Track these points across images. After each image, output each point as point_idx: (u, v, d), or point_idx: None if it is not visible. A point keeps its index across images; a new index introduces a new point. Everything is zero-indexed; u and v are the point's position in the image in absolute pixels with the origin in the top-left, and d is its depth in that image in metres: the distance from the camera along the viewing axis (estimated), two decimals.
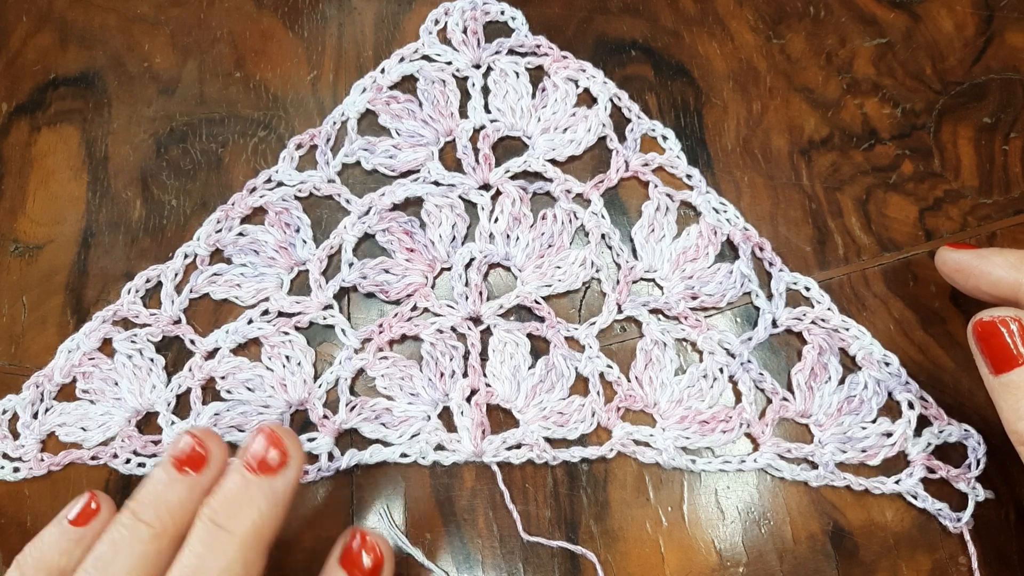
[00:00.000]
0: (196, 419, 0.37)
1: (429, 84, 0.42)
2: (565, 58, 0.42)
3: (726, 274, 0.39)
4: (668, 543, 0.36)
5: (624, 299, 0.39)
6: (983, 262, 0.32)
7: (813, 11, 0.43)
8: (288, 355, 0.38)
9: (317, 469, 0.36)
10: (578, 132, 0.41)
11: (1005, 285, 0.31)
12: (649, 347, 0.38)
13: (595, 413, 0.37)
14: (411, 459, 0.37)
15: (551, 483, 0.37)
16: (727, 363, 0.37)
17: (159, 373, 0.38)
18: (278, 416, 0.37)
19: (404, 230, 0.39)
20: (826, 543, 0.36)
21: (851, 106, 0.42)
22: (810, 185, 0.40)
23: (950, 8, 0.43)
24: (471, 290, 0.38)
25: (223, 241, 0.39)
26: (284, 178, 0.40)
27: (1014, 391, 0.30)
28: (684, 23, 0.43)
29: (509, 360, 0.37)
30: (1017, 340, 0.30)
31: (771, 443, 0.36)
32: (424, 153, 0.41)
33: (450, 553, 0.36)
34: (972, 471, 0.35)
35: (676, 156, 0.41)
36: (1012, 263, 0.31)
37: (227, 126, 0.42)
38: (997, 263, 0.32)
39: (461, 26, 0.43)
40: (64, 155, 0.42)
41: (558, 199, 0.40)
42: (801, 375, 0.37)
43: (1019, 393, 0.29)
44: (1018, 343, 0.30)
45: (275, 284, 0.39)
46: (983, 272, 0.32)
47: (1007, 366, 0.30)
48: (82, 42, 0.44)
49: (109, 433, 0.37)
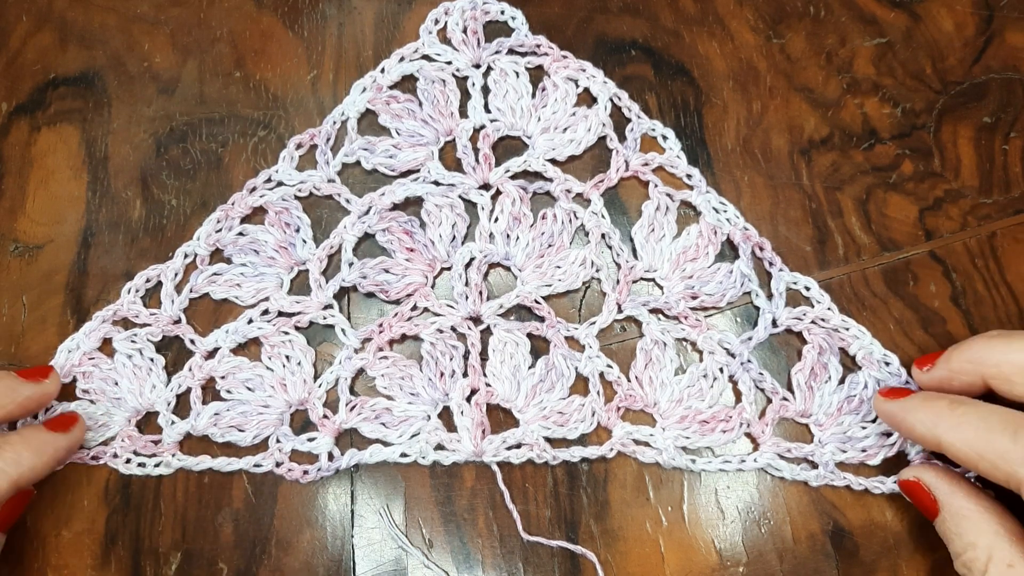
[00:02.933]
0: (196, 419, 0.37)
1: (429, 84, 0.42)
2: (565, 58, 0.42)
3: (726, 274, 0.39)
4: (668, 543, 0.36)
5: (624, 299, 0.39)
6: (906, 416, 0.33)
7: (813, 11, 0.43)
8: (288, 355, 0.38)
9: (317, 469, 0.36)
10: (578, 132, 0.41)
11: (927, 441, 0.32)
12: (649, 347, 0.38)
13: (595, 413, 0.37)
14: (411, 459, 0.37)
15: (551, 483, 0.37)
16: (727, 363, 0.37)
17: (159, 373, 0.38)
18: (278, 416, 0.37)
19: (404, 230, 0.39)
20: (826, 543, 0.36)
21: (851, 106, 0.42)
22: (810, 185, 0.40)
23: (950, 8, 0.43)
24: (471, 290, 0.38)
25: (223, 241, 0.39)
26: (284, 178, 0.40)
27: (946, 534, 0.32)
28: (684, 23, 0.43)
29: (509, 360, 0.37)
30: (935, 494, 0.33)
31: (771, 443, 0.36)
32: (424, 153, 0.41)
33: (450, 553, 0.36)
34: (970, 472, 0.35)
35: (676, 156, 0.41)
36: (931, 420, 0.32)
37: (227, 126, 0.42)
38: (918, 420, 0.32)
39: (461, 26, 0.43)
40: (64, 155, 0.42)
41: (558, 199, 0.40)
42: (801, 375, 0.37)
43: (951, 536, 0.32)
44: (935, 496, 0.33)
45: (275, 284, 0.39)
46: (906, 428, 0.33)
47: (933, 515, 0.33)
48: (82, 42, 0.44)
49: (109, 433, 0.37)
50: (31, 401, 0.35)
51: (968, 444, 0.30)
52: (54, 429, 0.35)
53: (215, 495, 0.37)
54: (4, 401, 0.34)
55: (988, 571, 0.30)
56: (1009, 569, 0.30)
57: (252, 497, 0.37)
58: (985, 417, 0.30)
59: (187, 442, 0.37)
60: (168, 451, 0.37)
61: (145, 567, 0.36)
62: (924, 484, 0.33)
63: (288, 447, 0.37)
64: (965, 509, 0.32)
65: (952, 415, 0.31)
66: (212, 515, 0.36)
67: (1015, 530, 0.31)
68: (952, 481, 0.33)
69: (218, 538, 0.36)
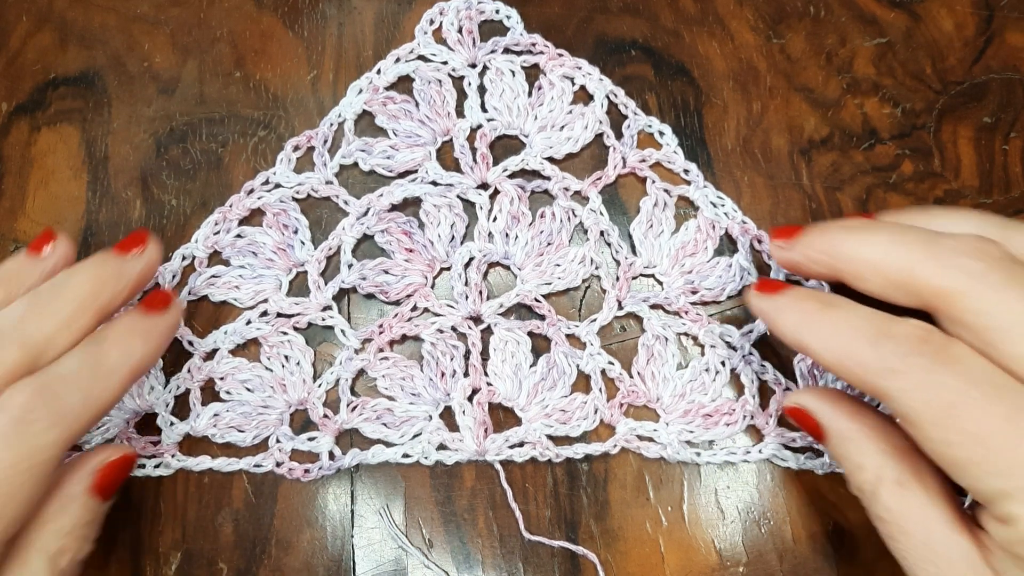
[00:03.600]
0: (195, 420, 0.37)
1: (425, 84, 0.42)
2: (561, 56, 0.42)
3: (725, 268, 0.39)
4: (668, 543, 0.36)
5: (624, 295, 0.39)
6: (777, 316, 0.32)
7: (813, 11, 0.43)
8: (287, 355, 0.38)
9: (318, 467, 0.36)
10: (575, 130, 0.41)
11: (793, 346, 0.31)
12: (651, 342, 0.38)
13: (598, 410, 0.37)
14: (413, 459, 0.37)
15: (551, 483, 0.37)
16: (728, 356, 0.37)
17: (157, 375, 0.38)
18: (278, 416, 0.37)
19: (403, 230, 0.39)
20: (826, 543, 0.36)
21: (851, 106, 0.42)
22: (810, 185, 0.41)
23: (950, 8, 0.43)
24: (471, 289, 0.38)
25: (221, 243, 0.39)
26: (282, 180, 0.40)
27: (836, 458, 0.32)
28: (684, 23, 0.43)
29: (510, 359, 0.37)
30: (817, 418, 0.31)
31: (775, 433, 0.36)
32: (421, 153, 0.41)
33: (450, 553, 0.36)
34: None
35: (673, 151, 0.41)
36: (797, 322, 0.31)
37: (227, 126, 0.42)
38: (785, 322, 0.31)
39: (456, 25, 0.42)
40: (64, 155, 0.42)
41: (556, 197, 0.40)
42: (804, 363, 0.37)
43: (839, 459, 0.31)
44: (818, 420, 0.31)
45: (273, 286, 0.39)
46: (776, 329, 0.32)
47: (822, 440, 0.32)
48: (82, 42, 0.44)
49: (108, 435, 0.37)
50: (143, 276, 0.32)
51: (830, 351, 0.29)
52: (152, 311, 0.32)
53: (215, 495, 0.37)
54: (119, 286, 0.31)
55: (878, 492, 0.29)
56: (899, 487, 0.29)
57: (252, 497, 0.37)
58: (849, 320, 0.29)
59: (186, 443, 0.37)
60: (167, 452, 0.37)
61: (145, 567, 0.36)
62: (806, 409, 0.32)
63: (288, 447, 0.37)
64: (848, 431, 0.30)
65: (819, 317, 0.30)
66: (212, 515, 0.36)
67: (902, 446, 0.29)
68: (834, 402, 0.31)
69: (218, 538, 0.36)
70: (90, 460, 0.32)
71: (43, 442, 0.27)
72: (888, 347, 0.27)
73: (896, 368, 0.27)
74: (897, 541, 0.29)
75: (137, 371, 0.31)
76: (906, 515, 0.28)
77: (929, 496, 0.28)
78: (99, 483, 0.31)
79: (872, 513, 0.30)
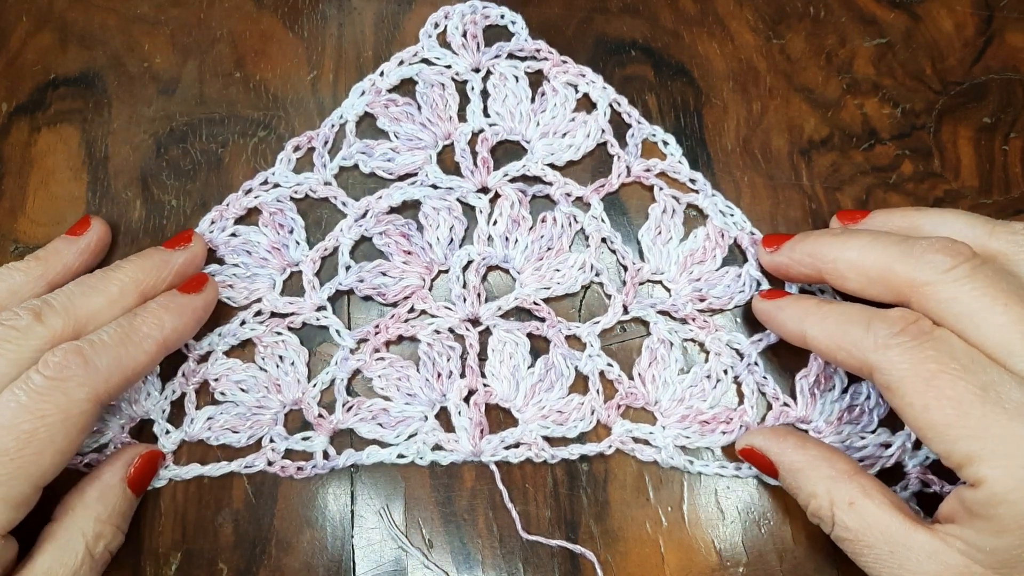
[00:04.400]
0: (190, 425, 0.37)
1: (428, 87, 0.42)
2: (565, 63, 0.42)
3: (734, 277, 0.39)
4: (668, 543, 0.36)
5: (631, 300, 0.38)
6: (778, 314, 0.35)
7: (813, 11, 0.43)
8: (282, 355, 0.38)
9: (311, 465, 0.36)
10: (577, 137, 0.41)
11: (795, 337, 0.34)
12: (655, 345, 0.38)
13: (595, 411, 0.37)
14: (408, 459, 0.37)
15: (551, 483, 0.37)
16: (733, 364, 0.37)
17: (153, 380, 0.37)
18: (272, 416, 0.37)
19: (401, 233, 0.39)
20: (826, 543, 0.35)
21: (851, 106, 0.42)
22: (810, 185, 0.41)
23: (950, 8, 0.43)
24: (469, 292, 0.38)
25: (215, 241, 0.39)
26: (280, 180, 0.40)
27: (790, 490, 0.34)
28: (684, 23, 0.43)
29: (508, 360, 0.37)
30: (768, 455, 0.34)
31: None
32: (422, 156, 0.41)
33: (450, 553, 0.36)
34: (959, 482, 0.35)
35: (678, 161, 0.40)
36: (799, 316, 0.34)
37: (227, 126, 0.42)
38: (787, 315, 0.35)
39: (461, 30, 0.42)
40: (64, 155, 0.42)
41: (558, 202, 0.40)
42: (805, 381, 0.37)
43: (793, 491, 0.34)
44: (768, 457, 0.34)
45: (267, 285, 0.39)
46: (778, 325, 0.35)
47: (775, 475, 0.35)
48: (82, 42, 0.44)
49: (103, 440, 0.37)
50: (185, 267, 0.37)
51: (828, 336, 0.32)
52: (187, 291, 0.36)
53: (215, 495, 0.37)
54: (162, 274, 0.36)
55: (835, 515, 0.31)
56: (851, 507, 0.31)
57: (252, 497, 0.37)
58: (845, 311, 0.32)
59: (184, 443, 0.37)
60: None
61: (145, 567, 0.36)
62: (756, 448, 0.35)
63: (282, 447, 0.37)
64: (796, 463, 0.33)
65: (818, 310, 0.33)
66: (212, 515, 0.36)
67: (849, 468, 0.32)
68: (780, 439, 0.34)
69: (218, 538, 0.36)
70: (125, 454, 0.35)
71: (76, 397, 0.31)
72: (880, 327, 0.30)
73: (887, 343, 0.30)
74: (864, 556, 0.31)
75: (168, 343, 0.34)
76: (864, 529, 0.31)
77: (881, 508, 0.31)
78: (134, 475, 0.35)
79: (835, 537, 0.32)
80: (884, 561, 0.30)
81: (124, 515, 0.34)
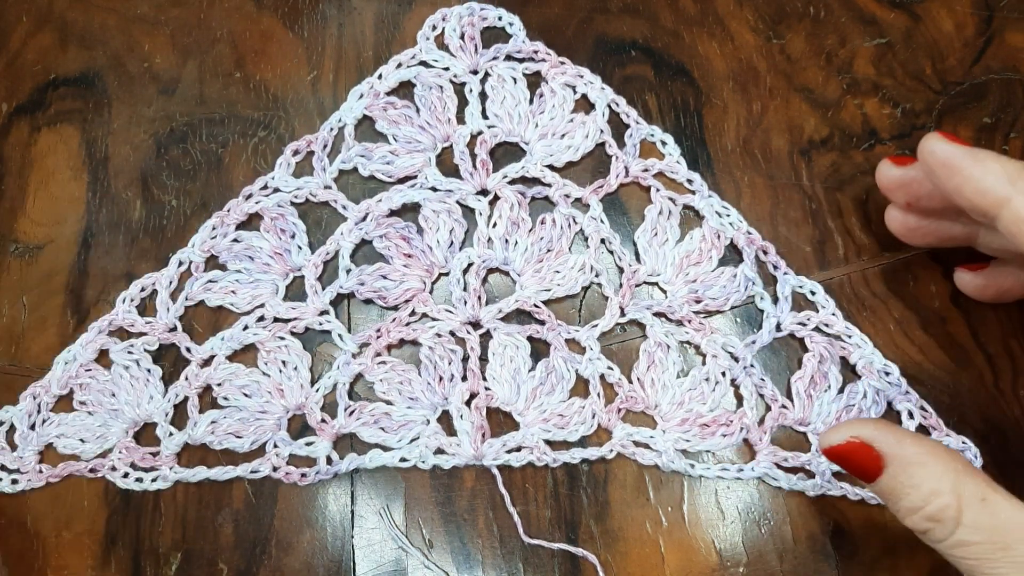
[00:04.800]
0: (193, 428, 0.37)
1: (426, 90, 0.42)
2: (563, 64, 0.42)
3: (730, 278, 0.39)
4: (668, 543, 0.36)
5: (627, 302, 0.38)
6: (976, 165, 0.29)
7: (813, 11, 0.43)
8: (284, 360, 0.38)
9: (315, 472, 0.36)
10: (576, 138, 0.41)
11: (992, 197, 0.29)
12: (652, 348, 0.38)
13: (595, 415, 0.37)
14: (411, 463, 0.37)
15: (551, 483, 0.37)
16: (730, 367, 0.37)
17: (156, 384, 0.38)
18: (275, 421, 0.37)
19: (401, 235, 0.39)
20: (826, 543, 0.36)
21: (851, 106, 0.42)
22: (810, 185, 0.41)
23: (950, 8, 0.43)
24: (470, 295, 0.38)
25: (218, 247, 0.39)
26: (280, 184, 0.40)
27: (896, 492, 0.29)
28: (684, 23, 0.43)
29: (509, 363, 0.37)
30: (879, 448, 0.29)
31: (768, 451, 0.36)
32: (421, 159, 0.41)
33: (450, 553, 0.36)
34: None
35: (676, 161, 0.40)
36: (1009, 174, 0.29)
37: (227, 126, 0.42)
38: (992, 169, 0.29)
39: (458, 32, 0.42)
40: (64, 155, 0.42)
41: (557, 204, 0.40)
42: (801, 383, 0.37)
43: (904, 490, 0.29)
44: (880, 451, 0.29)
45: (270, 290, 0.39)
46: (972, 176, 0.29)
47: (876, 474, 0.29)
48: (82, 42, 0.44)
49: (107, 445, 0.37)
50: None
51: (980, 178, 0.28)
52: None
53: (215, 495, 0.37)
54: None
55: (963, 513, 0.27)
56: (983, 504, 0.27)
57: (252, 498, 0.37)
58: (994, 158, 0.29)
59: (185, 448, 0.37)
60: (165, 464, 0.37)
61: (145, 567, 0.36)
62: (865, 439, 0.29)
63: (285, 452, 0.37)
64: (918, 456, 0.28)
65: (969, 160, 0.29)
66: (212, 515, 0.36)
67: (969, 466, 0.28)
68: (893, 429, 0.29)
69: (218, 538, 0.36)
70: None
71: None
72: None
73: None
74: (997, 561, 0.26)
75: None
76: (1001, 528, 0.26)
77: (1011, 503, 0.27)
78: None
79: (955, 540, 0.27)
80: (1022, 564, 0.26)
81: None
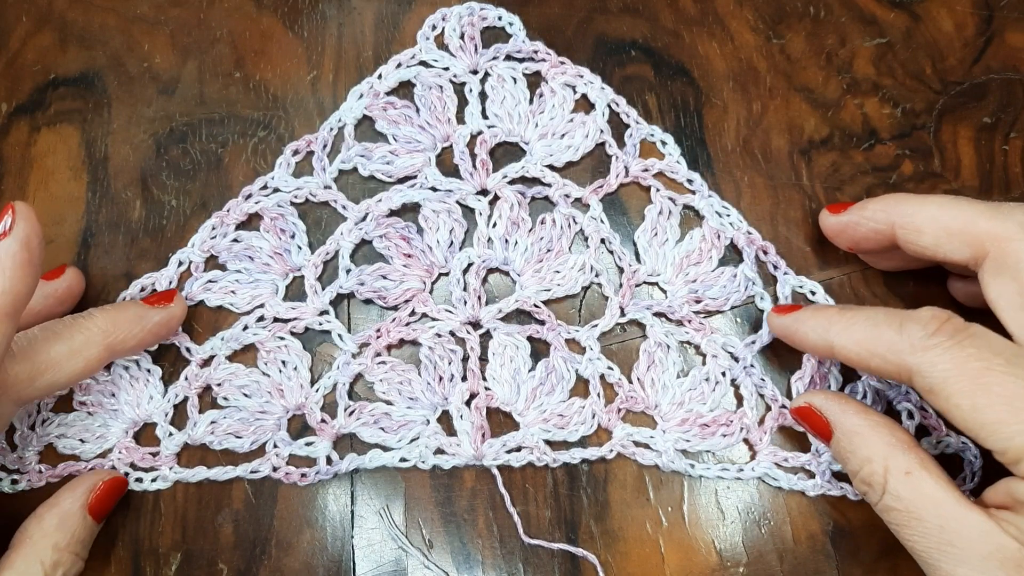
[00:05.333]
0: (193, 428, 0.37)
1: (426, 90, 0.42)
2: (563, 63, 0.42)
3: (730, 278, 0.39)
4: (668, 543, 0.36)
5: (627, 302, 0.38)
6: (799, 327, 0.34)
7: (813, 11, 0.43)
8: (284, 360, 0.38)
9: (315, 472, 0.36)
10: (576, 138, 0.41)
11: (820, 349, 0.33)
12: (652, 348, 0.38)
13: (595, 415, 0.37)
14: (411, 463, 0.37)
15: (551, 483, 0.37)
16: (730, 366, 0.37)
17: (156, 384, 0.38)
18: (275, 421, 0.37)
19: (401, 235, 0.39)
20: (826, 543, 0.36)
21: (851, 106, 0.42)
22: (810, 185, 0.40)
23: (950, 8, 0.43)
24: (470, 295, 0.38)
25: (217, 247, 0.39)
26: (280, 184, 0.40)
27: (841, 454, 0.33)
28: (684, 23, 0.43)
29: (509, 363, 0.37)
30: (826, 415, 0.33)
31: (768, 451, 0.36)
32: (421, 159, 0.41)
33: (450, 554, 0.36)
34: (967, 484, 0.35)
35: (676, 161, 0.40)
36: (822, 326, 0.33)
37: (227, 126, 0.42)
38: (810, 327, 0.34)
39: (458, 32, 0.42)
40: (64, 155, 0.42)
41: (557, 203, 0.40)
42: (801, 383, 0.37)
43: (846, 455, 0.33)
44: (826, 418, 0.33)
45: (270, 290, 0.39)
46: (799, 339, 0.35)
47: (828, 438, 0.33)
48: (82, 42, 0.44)
49: (106, 445, 0.37)
50: (160, 327, 0.36)
51: (858, 343, 0.31)
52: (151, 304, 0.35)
53: (215, 496, 0.37)
54: (134, 329, 0.34)
55: (887, 482, 0.30)
56: (907, 477, 0.30)
57: (252, 498, 0.37)
58: (872, 316, 0.32)
59: (185, 449, 0.37)
60: (165, 464, 0.37)
61: (145, 567, 0.36)
62: (815, 407, 0.34)
63: (285, 452, 0.37)
64: (857, 426, 0.32)
65: (841, 318, 0.32)
66: (212, 516, 0.36)
67: (907, 440, 0.31)
68: (841, 401, 0.33)
69: (218, 538, 0.36)
70: (86, 481, 0.34)
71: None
72: (914, 329, 0.30)
73: (925, 345, 0.29)
74: (911, 529, 0.30)
75: (114, 346, 0.34)
76: (917, 501, 0.30)
77: (937, 482, 0.30)
78: (95, 502, 0.34)
79: (882, 505, 0.31)
80: (931, 536, 0.29)
81: (83, 543, 0.33)
